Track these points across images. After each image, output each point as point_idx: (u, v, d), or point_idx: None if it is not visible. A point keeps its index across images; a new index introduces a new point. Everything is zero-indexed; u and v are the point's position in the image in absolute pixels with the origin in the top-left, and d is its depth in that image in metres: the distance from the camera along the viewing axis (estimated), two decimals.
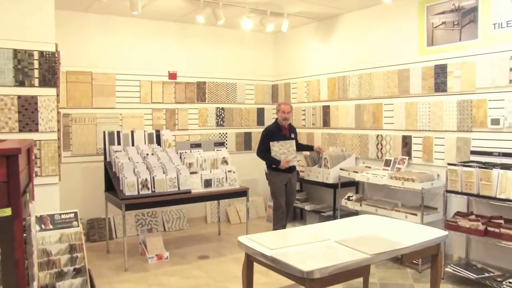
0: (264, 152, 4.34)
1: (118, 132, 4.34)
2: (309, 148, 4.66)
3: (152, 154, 4.16)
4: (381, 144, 4.41)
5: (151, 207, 4.00)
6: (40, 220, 2.61)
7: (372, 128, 4.52)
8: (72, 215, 2.68)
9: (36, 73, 3.21)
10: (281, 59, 5.90)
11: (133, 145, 4.33)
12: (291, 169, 4.39)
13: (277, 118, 4.45)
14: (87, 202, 4.65)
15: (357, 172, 4.28)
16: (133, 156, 4.08)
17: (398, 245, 2.24)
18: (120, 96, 4.87)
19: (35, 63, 3.20)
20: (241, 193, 4.30)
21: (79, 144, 4.59)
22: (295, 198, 4.64)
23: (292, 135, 4.45)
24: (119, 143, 4.29)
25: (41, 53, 3.22)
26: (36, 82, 3.21)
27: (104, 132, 4.31)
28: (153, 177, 3.81)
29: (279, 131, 4.38)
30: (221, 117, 5.53)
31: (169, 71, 5.18)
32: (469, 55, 3.58)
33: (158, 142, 4.45)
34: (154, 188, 3.81)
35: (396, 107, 4.24)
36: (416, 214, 3.67)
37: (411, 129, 4.10)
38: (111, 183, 3.98)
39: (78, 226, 2.66)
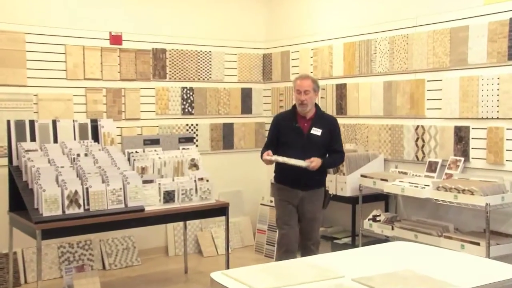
0: (265, 149, 3.96)
1: (32, 122, 4.24)
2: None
3: (86, 155, 4.10)
4: (423, 140, 4.35)
5: (83, 234, 4.02)
6: None
7: (409, 116, 4.47)
8: None
9: None
10: (277, 17, 5.85)
11: (55, 141, 4.26)
12: (308, 184, 3.85)
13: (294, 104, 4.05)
14: None
15: (386, 180, 4.19)
16: (56, 157, 4.00)
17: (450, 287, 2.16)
18: (34, 68, 4.70)
19: None
20: (219, 211, 4.28)
21: None
22: (315, 232, 3.98)
23: (317, 132, 3.86)
24: (33, 139, 4.19)
25: None
26: None
27: (8, 122, 4.18)
28: (87, 189, 3.76)
29: (292, 121, 3.89)
30: (189, 101, 5.47)
31: (110, 32, 5.04)
32: None
33: (95, 137, 4.40)
34: (88, 205, 3.75)
35: (446, 85, 4.17)
36: (478, 244, 3.57)
37: (468, 116, 4.03)
38: (20, 199, 3.85)
39: None
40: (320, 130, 3.83)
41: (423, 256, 2.63)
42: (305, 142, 3.80)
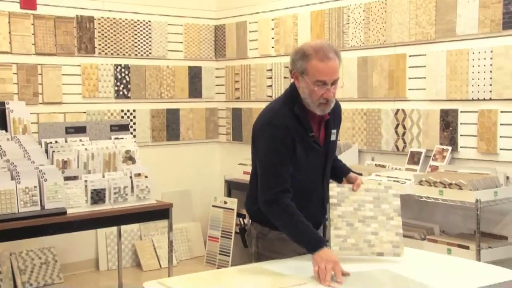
0: (283, 200, 2.50)
1: None
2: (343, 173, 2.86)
3: None
4: (404, 126, 4.42)
5: None
6: None
7: (388, 99, 4.53)
8: None
9: None
10: None
11: None
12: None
13: (293, 87, 2.65)
14: None
15: (361, 174, 4.18)
16: None
17: None
18: None
19: None
20: (160, 213, 4.29)
21: None
22: None
23: (334, 136, 2.77)
24: None
25: None
26: None
27: None
28: None
29: (304, 128, 2.61)
30: (124, 82, 5.52)
31: None
32: None
33: (3, 125, 4.32)
34: None
35: (431, 60, 4.23)
36: (467, 247, 3.65)
37: (456, 98, 4.09)
38: None
39: None
40: (335, 131, 2.76)
41: (403, 260, 2.64)
42: (323, 160, 2.66)
